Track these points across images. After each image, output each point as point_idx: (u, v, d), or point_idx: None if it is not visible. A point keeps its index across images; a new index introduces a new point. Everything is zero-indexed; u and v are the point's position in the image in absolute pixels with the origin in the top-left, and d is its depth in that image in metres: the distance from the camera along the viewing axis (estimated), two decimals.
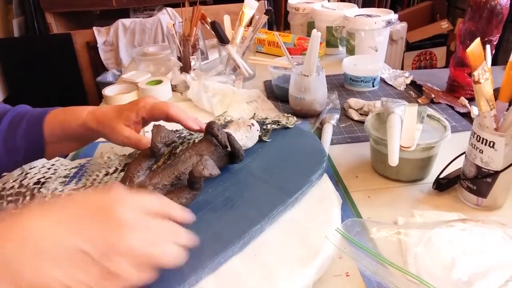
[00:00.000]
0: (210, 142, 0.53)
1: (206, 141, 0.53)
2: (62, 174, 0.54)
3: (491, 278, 0.40)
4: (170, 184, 0.47)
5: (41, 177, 0.52)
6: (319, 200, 0.50)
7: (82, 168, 0.57)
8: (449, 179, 0.57)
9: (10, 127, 0.57)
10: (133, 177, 0.47)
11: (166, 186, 0.47)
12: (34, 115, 0.58)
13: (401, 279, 0.41)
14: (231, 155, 0.54)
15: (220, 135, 0.52)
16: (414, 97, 0.90)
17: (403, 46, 2.44)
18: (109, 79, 2.18)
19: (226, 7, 2.15)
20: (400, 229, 0.49)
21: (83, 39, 2.29)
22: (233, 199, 0.48)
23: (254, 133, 0.58)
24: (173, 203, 0.39)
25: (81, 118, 0.56)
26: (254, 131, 0.58)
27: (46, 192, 0.49)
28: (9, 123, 0.57)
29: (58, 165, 0.55)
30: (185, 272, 0.38)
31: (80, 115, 0.57)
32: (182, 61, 1.01)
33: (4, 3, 2.30)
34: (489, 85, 0.47)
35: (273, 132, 0.63)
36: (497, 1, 0.76)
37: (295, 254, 0.42)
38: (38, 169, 0.53)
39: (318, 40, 0.77)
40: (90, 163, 0.58)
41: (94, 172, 0.56)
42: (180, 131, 0.63)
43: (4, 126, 0.56)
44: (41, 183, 0.51)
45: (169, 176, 0.48)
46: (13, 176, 0.51)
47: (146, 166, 0.49)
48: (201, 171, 0.44)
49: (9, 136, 0.56)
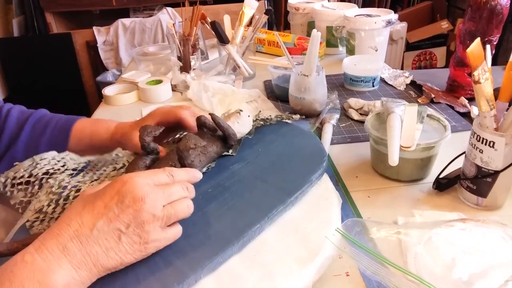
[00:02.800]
0: (201, 132, 0.55)
1: (197, 133, 0.55)
2: (71, 167, 0.55)
3: (491, 278, 0.40)
4: None
5: (50, 168, 0.53)
6: (319, 200, 0.50)
7: (90, 163, 0.58)
8: (449, 179, 0.57)
9: (33, 134, 0.59)
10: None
11: None
12: (60, 124, 0.61)
13: (401, 279, 0.41)
14: (224, 140, 0.55)
15: (207, 122, 0.54)
16: (414, 97, 0.90)
17: (403, 46, 2.44)
18: (109, 78, 2.18)
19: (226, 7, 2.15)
20: (400, 229, 0.49)
21: (83, 39, 2.29)
22: (232, 199, 0.48)
23: (245, 119, 0.58)
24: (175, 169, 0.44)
25: (109, 131, 0.60)
26: (245, 116, 0.58)
27: (53, 183, 0.51)
28: (31, 130, 0.59)
29: (68, 159, 0.56)
30: (185, 272, 0.38)
31: (109, 128, 0.61)
32: (182, 61, 1.01)
33: (4, 3, 2.29)
34: (489, 85, 0.47)
35: (273, 132, 0.63)
36: (497, 1, 0.76)
37: (295, 254, 0.42)
38: (48, 161, 0.54)
39: (318, 40, 0.77)
40: (99, 159, 0.59)
41: (102, 167, 0.57)
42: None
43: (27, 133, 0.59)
44: (50, 173, 0.53)
45: (164, 166, 0.49)
46: (24, 165, 0.52)
47: (142, 165, 0.51)
48: (186, 143, 0.46)
49: (32, 143, 0.59)
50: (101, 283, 0.37)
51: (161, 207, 0.39)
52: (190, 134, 0.50)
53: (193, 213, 0.45)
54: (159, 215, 0.38)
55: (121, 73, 1.74)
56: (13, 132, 0.59)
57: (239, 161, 0.56)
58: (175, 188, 0.41)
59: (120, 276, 0.38)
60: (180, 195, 0.41)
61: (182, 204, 0.41)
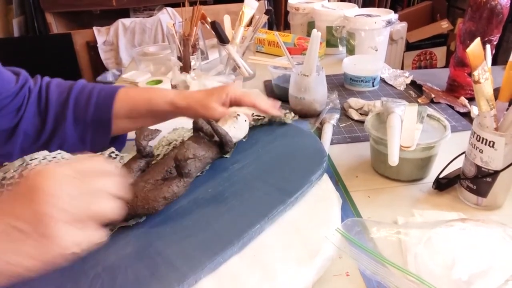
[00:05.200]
0: (198, 136, 0.54)
1: (194, 137, 0.54)
2: None
3: (491, 277, 0.40)
4: (161, 178, 0.48)
5: None
6: (319, 200, 0.50)
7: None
8: (449, 179, 0.57)
9: (78, 108, 0.59)
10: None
11: (158, 181, 0.48)
12: (104, 93, 0.61)
13: (401, 278, 0.41)
14: (220, 145, 0.55)
15: (204, 127, 0.54)
16: (414, 97, 0.90)
17: (403, 46, 2.44)
18: (109, 78, 2.18)
19: (226, 7, 2.16)
20: (400, 228, 0.49)
21: (83, 39, 2.29)
22: (232, 199, 0.48)
23: (242, 124, 0.58)
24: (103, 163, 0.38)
25: (168, 97, 0.61)
26: (241, 121, 0.58)
27: None
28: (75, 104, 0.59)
29: (59, 158, 0.56)
30: (185, 272, 0.38)
31: (167, 94, 0.61)
32: (182, 61, 1.01)
33: (4, 3, 2.30)
34: (489, 85, 0.47)
35: (273, 132, 0.63)
36: (497, 1, 0.76)
37: (295, 254, 0.42)
38: (39, 161, 0.53)
39: (318, 40, 0.77)
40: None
41: None
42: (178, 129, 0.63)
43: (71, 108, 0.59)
44: None
45: (160, 171, 0.49)
46: (14, 166, 0.52)
47: (137, 168, 0.50)
48: (184, 153, 0.45)
49: (80, 117, 0.59)
50: (101, 283, 0.37)
51: (73, 201, 0.32)
52: (189, 142, 0.49)
53: (193, 213, 0.45)
54: (67, 209, 0.32)
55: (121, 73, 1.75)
56: (57, 109, 0.59)
57: (239, 162, 0.56)
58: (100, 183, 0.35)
59: (120, 276, 0.38)
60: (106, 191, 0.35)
61: (106, 202, 0.35)
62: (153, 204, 0.44)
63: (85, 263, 0.40)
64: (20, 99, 0.58)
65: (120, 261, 0.40)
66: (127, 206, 0.43)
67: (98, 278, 0.38)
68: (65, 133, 0.59)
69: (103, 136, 0.61)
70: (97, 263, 0.40)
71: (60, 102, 0.59)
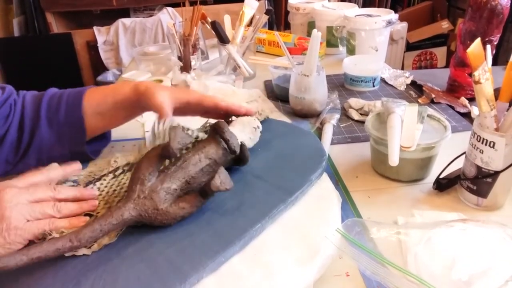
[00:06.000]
0: (218, 144, 0.51)
1: (214, 142, 0.51)
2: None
3: (491, 278, 0.40)
4: (179, 188, 0.47)
5: None
6: (319, 199, 0.50)
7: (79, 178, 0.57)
8: (449, 179, 0.57)
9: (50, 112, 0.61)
10: (144, 179, 0.46)
11: (176, 191, 0.46)
12: (72, 94, 0.63)
13: (401, 279, 0.41)
14: (236, 158, 0.54)
15: (230, 139, 0.51)
16: (414, 97, 0.90)
17: (403, 46, 2.44)
18: (110, 78, 2.18)
19: (227, 7, 2.16)
20: (400, 229, 0.49)
21: (83, 39, 2.29)
22: (233, 199, 0.48)
23: (258, 135, 0.58)
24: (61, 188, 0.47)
25: (132, 83, 0.62)
26: (258, 132, 0.58)
27: None
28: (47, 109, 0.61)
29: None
30: (186, 272, 0.38)
31: (129, 84, 0.62)
32: (183, 60, 1.01)
33: (4, 3, 2.30)
34: (490, 85, 0.47)
35: (273, 132, 0.63)
36: (497, 1, 0.76)
37: (295, 254, 0.42)
38: None
39: (318, 40, 0.77)
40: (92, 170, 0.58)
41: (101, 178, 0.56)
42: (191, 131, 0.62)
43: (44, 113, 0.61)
44: None
45: (179, 180, 0.47)
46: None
47: (157, 168, 0.48)
48: (219, 185, 0.45)
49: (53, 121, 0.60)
50: (103, 284, 0.37)
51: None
52: (222, 171, 0.46)
53: (194, 212, 0.45)
54: None
55: (121, 73, 1.75)
56: (32, 115, 0.61)
57: None
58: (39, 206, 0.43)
59: (121, 276, 0.38)
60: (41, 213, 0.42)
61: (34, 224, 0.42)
62: (171, 221, 0.44)
63: (86, 264, 0.40)
64: (7, 107, 0.60)
65: (121, 261, 0.40)
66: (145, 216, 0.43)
67: (100, 279, 0.38)
68: (41, 136, 0.60)
69: (79, 134, 0.61)
70: (98, 264, 0.40)
71: (34, 108, 0.61)
